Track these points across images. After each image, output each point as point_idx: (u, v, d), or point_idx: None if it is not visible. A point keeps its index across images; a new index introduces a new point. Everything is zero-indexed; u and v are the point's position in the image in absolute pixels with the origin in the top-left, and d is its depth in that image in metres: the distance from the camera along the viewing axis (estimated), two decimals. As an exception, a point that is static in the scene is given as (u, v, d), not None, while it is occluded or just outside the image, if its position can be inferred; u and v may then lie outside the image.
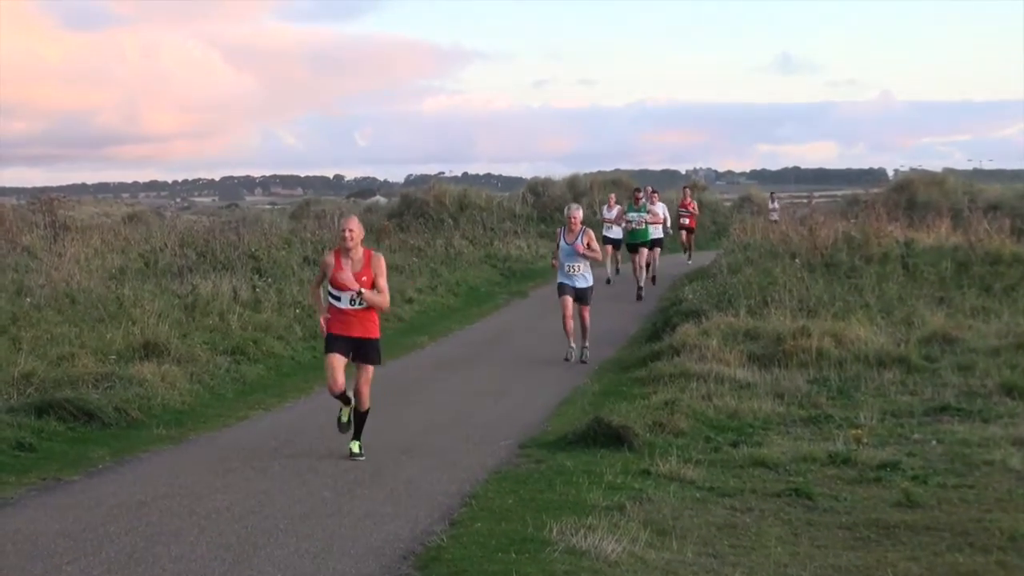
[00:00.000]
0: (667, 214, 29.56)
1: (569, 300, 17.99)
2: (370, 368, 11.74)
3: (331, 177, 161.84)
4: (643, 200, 28.12)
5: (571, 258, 17.94)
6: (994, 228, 24.95)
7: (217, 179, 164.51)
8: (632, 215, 27.64)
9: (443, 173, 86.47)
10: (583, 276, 18.06)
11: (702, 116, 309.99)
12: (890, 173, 74.55)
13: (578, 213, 18.09)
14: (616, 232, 28.49)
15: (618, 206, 28.95)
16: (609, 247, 28.11)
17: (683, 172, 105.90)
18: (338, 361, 11.63)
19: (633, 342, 20.32)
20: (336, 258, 11.57)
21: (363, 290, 11.42)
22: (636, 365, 17.20)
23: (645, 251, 27.31)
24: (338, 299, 11.56)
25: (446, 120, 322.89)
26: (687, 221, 34.41)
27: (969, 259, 22.80)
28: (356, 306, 11.50)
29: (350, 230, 11.47)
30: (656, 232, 28.41)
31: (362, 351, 11.67)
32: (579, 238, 17.86)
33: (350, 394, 11.77)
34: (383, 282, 11.61)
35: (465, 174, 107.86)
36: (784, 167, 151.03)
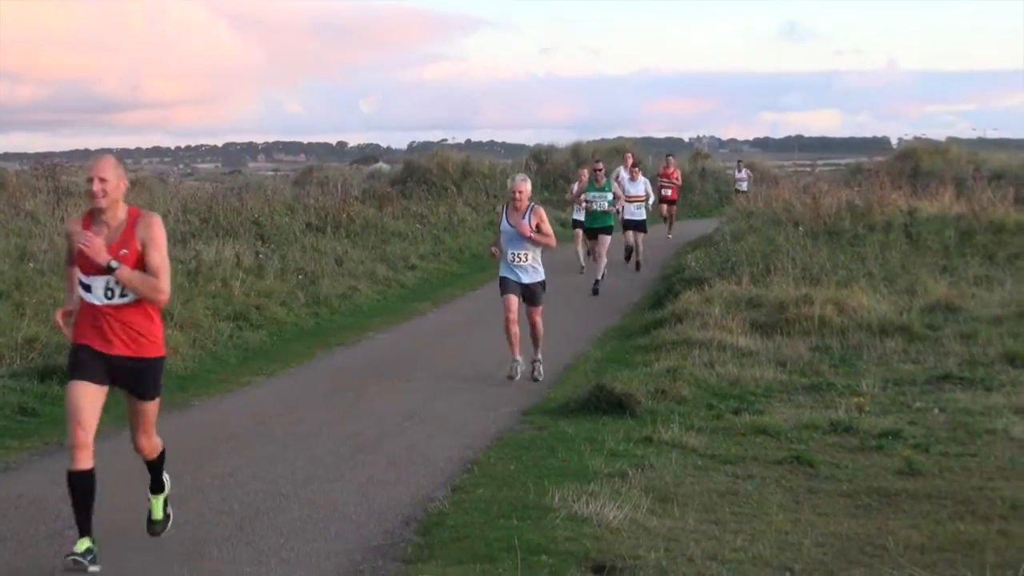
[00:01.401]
0: (650, 191, 26.41)
1: (513, 300, 14.10)
2: (149, 409, 7.53)
3: (334, 144, 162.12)
4: (607, 177, 23.46)
5: (516, 244, 14.14)
6: (998, 197, 24.94)
7: (220, 145, 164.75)
8: (592, 194, 22.74)
9: (446, 140, 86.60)
10: (532, 268, 14.20)
11: (707, 84, 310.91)
12: (894, 142, 74.40)
13: (524, 186, 14.34)
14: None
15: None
16: (578, 230, 24.49)
17: (687, 140, 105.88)
18: (88, 396, 7.19)
19: (636, 309, 20.32)
20: (86, 225, 7.37)
21: (118, 266, 7.14)
22: (639, 332, 17.21)
23: (607, 239, 22.73)
24: (88, 289, 7.27)
25: (450, 87, 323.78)
26: (669, 193, 32.06)
27: (972, 228, 22.81)
28: (114, 300, 7.23)
29: (101, 179, 7.21)
30: (639, 213, 25.17)
31: (131, 379, 7.36)
32: (526, 217, 14.16)
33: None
34: (159, 257, 7.29)
35: (468, 141, 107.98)
36: (788, 135, 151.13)
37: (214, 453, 10.41)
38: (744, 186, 39.02)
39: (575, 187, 24.95)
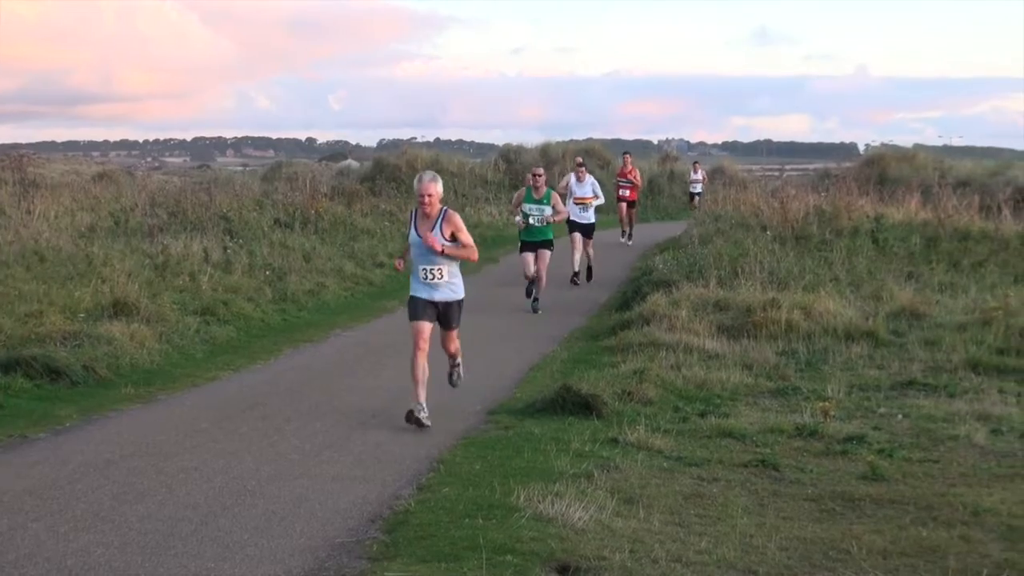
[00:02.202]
0: (599, 192, 23.83)
1: (426, 328, 11.72)
2: None
3: (303, 140, 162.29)
4: (546, 186, 20.47)
5: (427, 258, 11.54)
6: (963, 205, 25.12)
7: (189, 139, 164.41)
8: (530, 206, 20.22)
9: (416, 138, 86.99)
10: (448, 285, 11.71)
11: (678, 87, 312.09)
12: (861, 148, 74.93)
13: (433, 187, 11.40)
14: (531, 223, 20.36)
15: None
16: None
17: (656, 142, 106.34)
18: None
19: (603, 310, 20.34)
20: None
21: None
22: (606, 334, 17.21)
23: (547, 254, 20.29)
24: None
25: (420, 85, 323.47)
26: (627, 193, 30.55)
27: (938, 235, 22.97)
28: None
29: None
30: (585, 215, 23.38)
31: None
32: (437, 225, 11.48)
33: None
34: None
35: (438, 139, 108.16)
36: (756, 139, 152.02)
37: (180, 447, 10.37)
38: (699, 188, 38.45)
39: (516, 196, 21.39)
